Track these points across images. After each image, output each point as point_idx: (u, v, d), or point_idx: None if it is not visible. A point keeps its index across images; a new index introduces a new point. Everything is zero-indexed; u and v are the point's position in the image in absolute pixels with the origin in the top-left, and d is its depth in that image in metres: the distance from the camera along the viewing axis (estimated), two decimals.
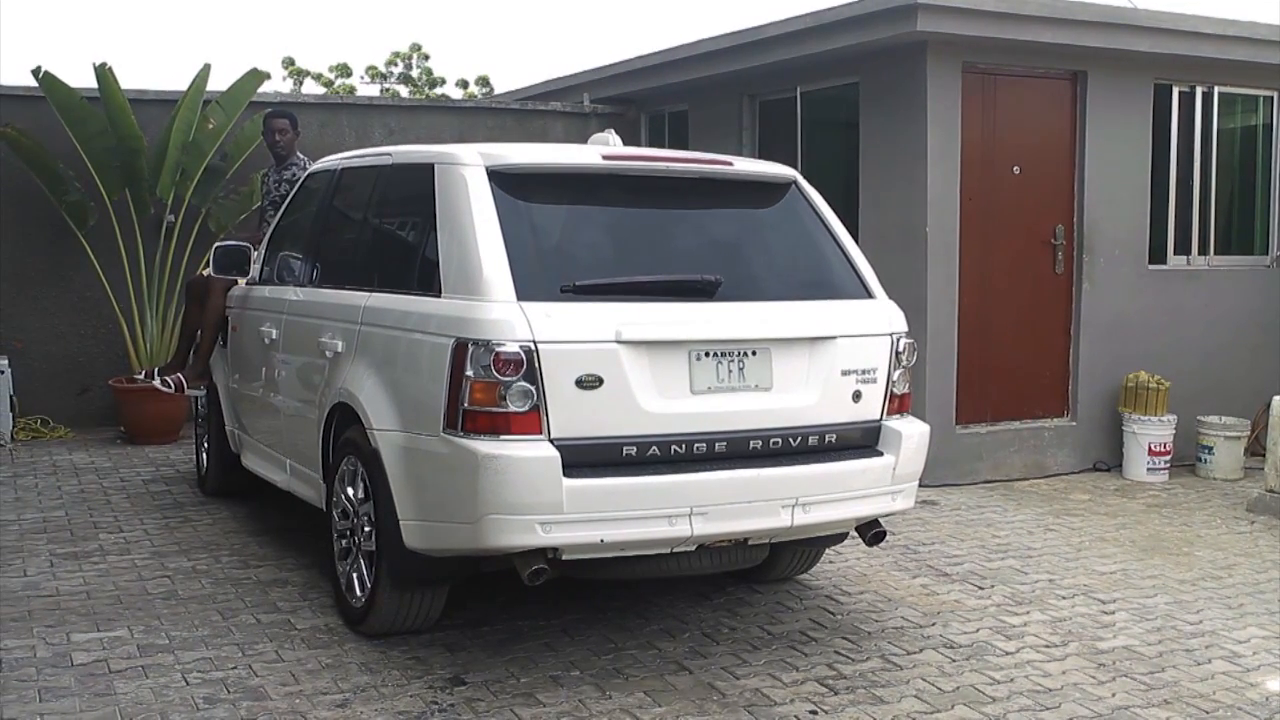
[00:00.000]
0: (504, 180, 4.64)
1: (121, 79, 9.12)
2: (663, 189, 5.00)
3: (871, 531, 5.02)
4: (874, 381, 4.87)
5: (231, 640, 4.92)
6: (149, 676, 4.52)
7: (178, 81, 17.48)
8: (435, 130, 10.70)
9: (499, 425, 4.22)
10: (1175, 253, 9.30)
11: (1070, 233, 8.68)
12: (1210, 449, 8.71)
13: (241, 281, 6.82)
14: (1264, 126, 9.69)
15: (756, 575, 5.70)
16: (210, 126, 9.48)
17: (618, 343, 4.35)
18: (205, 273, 7.27)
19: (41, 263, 9.64)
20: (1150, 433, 8.50)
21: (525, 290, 4.33)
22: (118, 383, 9.27)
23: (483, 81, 28.07)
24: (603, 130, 5.49)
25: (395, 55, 28.47)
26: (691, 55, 9.82)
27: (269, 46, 46.60)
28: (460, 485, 4.27)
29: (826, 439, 4.76)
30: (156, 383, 7.50)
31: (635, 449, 4.37)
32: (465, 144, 5.06)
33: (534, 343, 4.23)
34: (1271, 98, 9.61)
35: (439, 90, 27.89)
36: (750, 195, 5.20)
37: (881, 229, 8.30)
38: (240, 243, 6.75)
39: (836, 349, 4.78)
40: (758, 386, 4.63)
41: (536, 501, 4.18)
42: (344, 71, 28.00)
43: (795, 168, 6.05)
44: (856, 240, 5.43)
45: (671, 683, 4.57)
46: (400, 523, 4.57)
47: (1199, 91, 9.25)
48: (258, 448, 6.59)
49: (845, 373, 4.80)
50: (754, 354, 4.63)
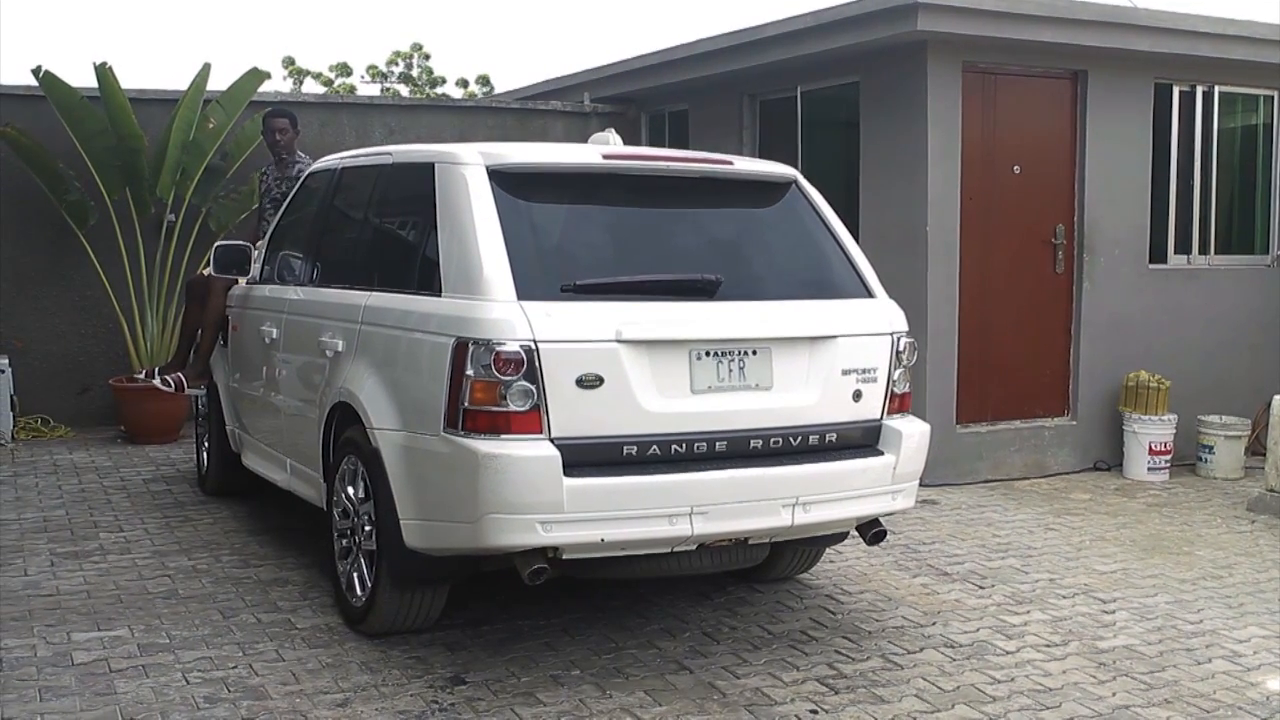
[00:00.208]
0: (504, 179, 4.64)
1: (121, 79, 9.12)
2: (663, 188, 5.00)
3: (872, 531, 5.02)
4: (874, 381, 4.87)
5: (232, 639, 4.92)
6: (149, 676, 4.52)
7: (178, 81, 17.52)
8: (435, 130, 10.69)
9: (499, 425, 4.22)
10: (1175, 252, 9.30)
11: (1070, 232, 8.68)
12: (1211, 448, 8.71)
13: (242, 281, 6.82)
14: (1264, 126, 9.69)
15: (757, 575, 5.70)
16: (210, 126, 9.48)
17: (618, 342, 4.35)
18: (205, 272, 7.27)
19: (42, 262, 9.64)
20: (1150, 432, 8.50)
21: (526, 289, 4.33)
22: (118, 382, 9.27)
23: (483, 81, 28.06)
24: (603, 130, 5.49)
25: (396, 55, 28.46)
26: (691, 55, 9.82)
27: (269, 46, 46.63)
28: (461, 484, 4.27)
29: (827, 438, 4.76)
30: (157, 382, 7.50)
31: (636, 448, 4.37)
32: (465, 143, 5.06)
33: (534, 342, 4.23)
34: (1271, 97, 9.61)
35: (439, 90, 27.87)
36: (751, 195, 5.20)
37: (882, 228, 8.30)
38: (240, 242, 6.75)
39: (837, 348, 4.78)
40: (758, 386, 4.62)
41: (537, 501, 4.18)
42: (344, 71, 27.99)
43: (795, 167, 6.05)
44: (857, 240, 5.43)
45: (672, 682, 4.57)
46: (401, 522, 4.57)
47: (1199, 91, 9.25)
48: (258, 447, 6.59)
49: (846, 372, 4.80)
50: (754, 353, 4.63)
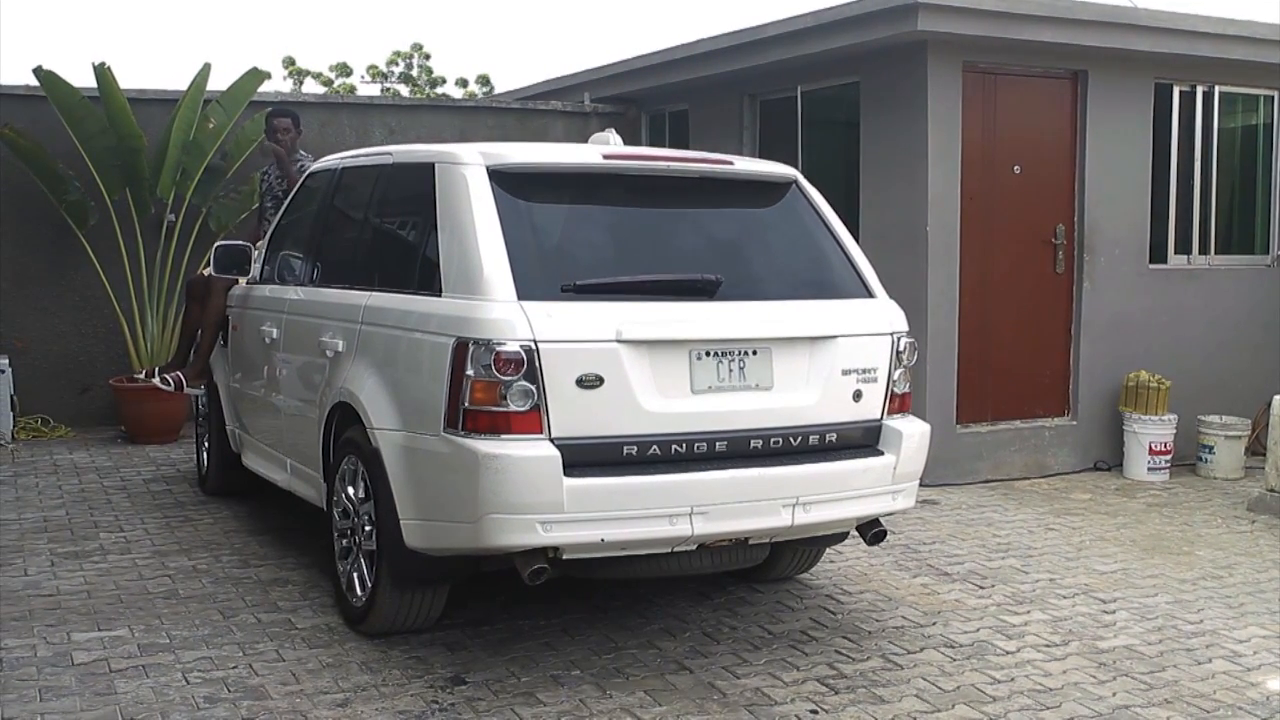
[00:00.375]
0: (504, 179, 4.64)
1: (121, 79, 9.12)
2: (663, 188, 5.00)
3: (872, 531, 5.02)
4: (874, 381, 4.87)
5: (232, 639, 4.92)
6: (149, 676, 4.52)
7: (178, 81, 17.51)
8: (436, 130, 10.69)
9: (499, 425, 4.22)
10: (1176, 252, 9.30)
11: (1071, 232, 8.68)
12: (1211, 448, 8.71)
13: (242, 281, 6.82)
14: (1264, 126, 9.69)
15: (757, 575, 5.70)
16: (210, 126, 9.48)
17: (618, 342, 4.35)
18: (206, 272, 7.27)
19: (42, 262, 9.64)
20: (1151, 432, 8.50)
21: (526, 290, 4.33)
22: (118, 382, 9.27)
23: (483, 81, 28.07)
24: (603, 129, 5.48)
25: (396, 55, 28.48)
26: (691, 55, 9.81)
27: (269, 46, 46.67)
28: (461, 485, 4.27)
29: (827, 438, 4.76)
30: (157, 381, 7.50)
31: (636, 448, 4.36)
32: (466, 143, 5.06)
33: (534, 342, 4.23)
34: (1272, 97, 9.61)
35: (439, 90, 27.88)
36: (751, 195, 5.19)
37: (882, 228, 8.30)
38: (241, 242, 6.75)
39: (837, 348, 4.78)
40: (758, 386, 4.62)
41: (537, 501, 4.18)
42: (344, 71, 28.00)
43: (796, 167, 6.05)
44: (857, 240, 5.43)
45: (672, 682, 4.57)
46: (401, 522, 4.57)
47: (1199, 91, 9.25)
48: (258, 447, 6.59)
49: (846, 372, 4.80)
50: (754, 353, 4.63)
